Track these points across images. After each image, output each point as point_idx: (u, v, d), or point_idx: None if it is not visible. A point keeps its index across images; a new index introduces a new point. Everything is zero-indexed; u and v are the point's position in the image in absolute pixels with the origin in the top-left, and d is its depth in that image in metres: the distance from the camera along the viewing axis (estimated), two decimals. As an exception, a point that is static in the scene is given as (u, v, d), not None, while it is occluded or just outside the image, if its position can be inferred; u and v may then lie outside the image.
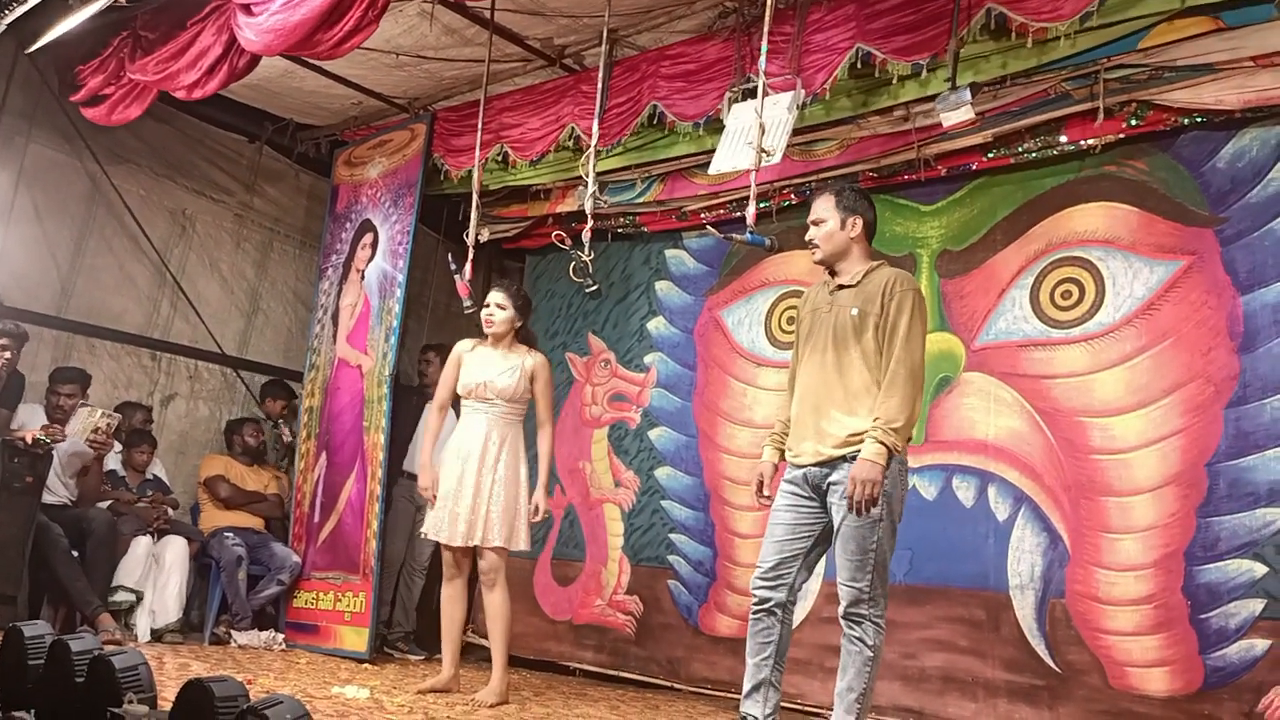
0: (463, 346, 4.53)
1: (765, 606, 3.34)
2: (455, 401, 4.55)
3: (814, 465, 3.32)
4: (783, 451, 3.50)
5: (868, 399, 3.25)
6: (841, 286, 3.42)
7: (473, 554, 4.36)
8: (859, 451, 3.19)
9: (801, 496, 3.37)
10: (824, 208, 3.44)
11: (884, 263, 3.47)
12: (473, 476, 4.28)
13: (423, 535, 4.54)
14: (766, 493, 3.50)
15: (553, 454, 4.54)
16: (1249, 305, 3.98)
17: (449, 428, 4.67)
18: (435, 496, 4.34)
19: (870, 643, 3.19)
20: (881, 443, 3.15)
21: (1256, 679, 3.72)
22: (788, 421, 3.50)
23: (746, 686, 3.35)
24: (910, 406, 3.20)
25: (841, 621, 3.25)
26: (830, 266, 3.47)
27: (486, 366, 4.41)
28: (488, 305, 4.46)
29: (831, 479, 3.27)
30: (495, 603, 4.31)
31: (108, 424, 4.86)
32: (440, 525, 4.31)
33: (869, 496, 3.12)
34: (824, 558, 3.42)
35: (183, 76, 4.69)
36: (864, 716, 3.20)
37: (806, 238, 3.48)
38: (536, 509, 4.35)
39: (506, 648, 4.31)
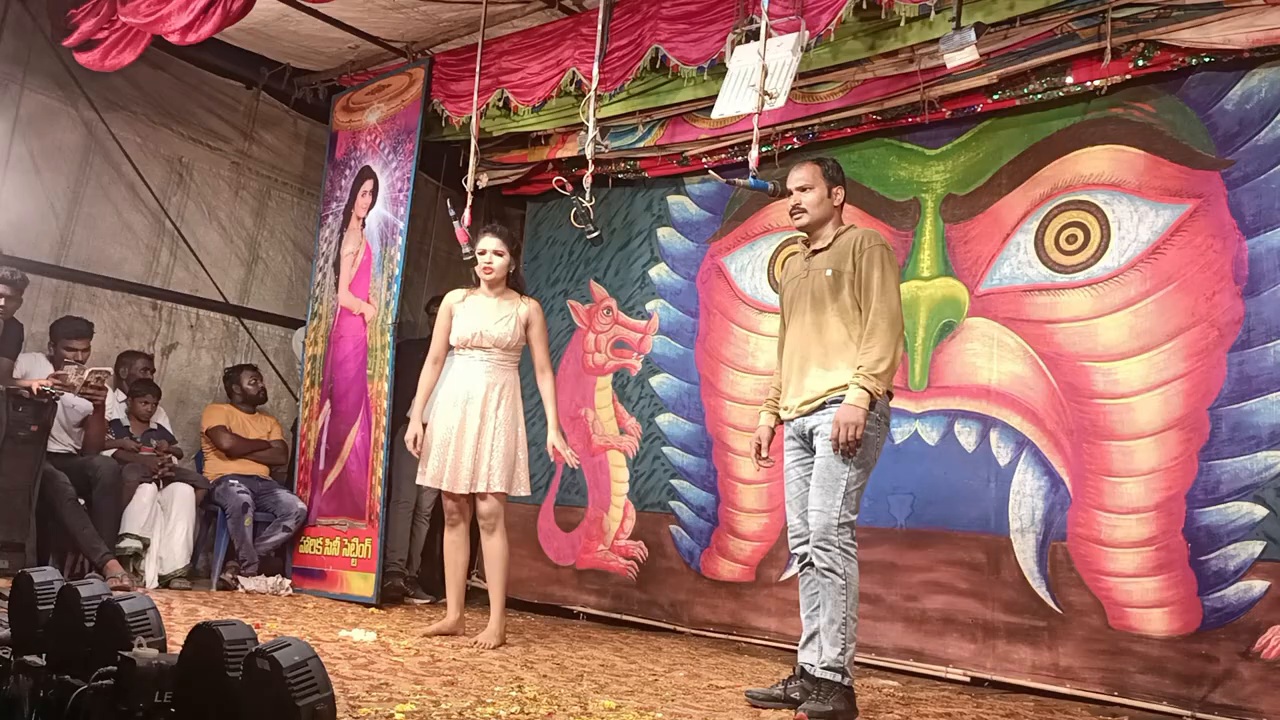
0: (453, 297, 4.52)
1: (806, 562, 3.49)
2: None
3: (799, 416, 3.51)
4: (778, 415, 3.68)
5: (845, 353, 3.40)
6: (816, 251, 3.57)
7: (473, 500, 4.39)
8: (837, 399, 3.36)
9: (800, 451, 3.55)
10: (809, 176, 3.56)
11: (853, 225, 3.60)
12: (475, 424, 4.31)
13: (419, 484, 4.54)
14: (765, 454, 3.68)
15: (556, 398, 4.54)
16: (1254, 249, 3.95)
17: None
18: (420, 450, 4.37)
19: (841, 570, 3.29)
20: (864, 388, 3.29)
21: (1254, 619, 3.76)
22: (780, 386, 3.67)
23: (802, 639, 3.49)
24: (891, 353, 3.33)
25: (813, 553, 3.35)
26: (811, 232, 3.59)
27: (481, 315, 4.41)
28: (484, 252, 4.43)
29: (812, 424, 3.45)
30: (494, 547, 4.35)
31: (97, 379, 4.86)
32: (441, 473, 4.34)
33: (852, 438, 3.26)
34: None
35: (175, 19, 4.61)
36: (849, 645, 3.30)
37: (794, 203, 3.56)
38: (554, 451, 4.36)
39: (505, 591, 4.37)
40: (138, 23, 4.80)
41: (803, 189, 3.54)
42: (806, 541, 3.45)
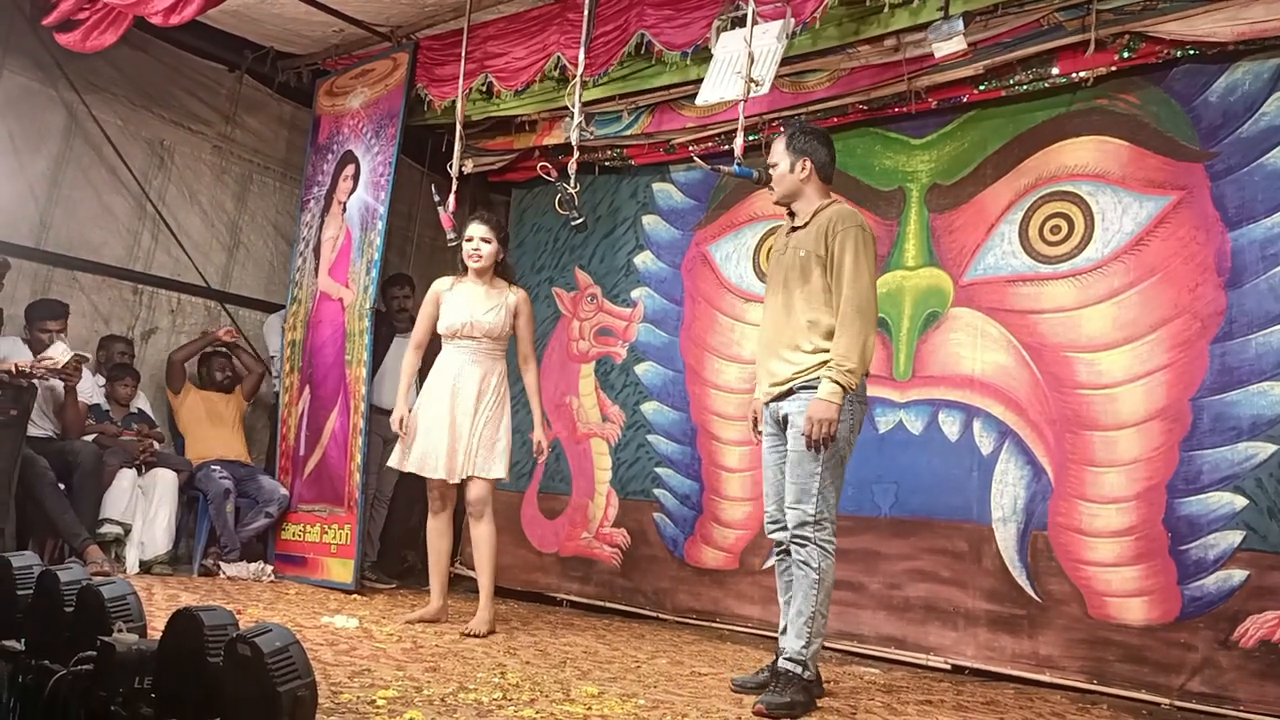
0: (441, 285, 4.50)
1: (781, 549, 3.49)
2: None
3: (771, 400, 3.49)
4: None
5: (812, 335, 3.37)
6: (795, 229, 3.52)
7: (456, 487, 4.39)
8: (805, 384, 3.34)
9: (775, 436, 3.52)
10: (777, 151, 3.52)
11: (835, 200, 3.52)
12: (466, 413, 4.31)
13: (391, 467, 4.54)
14: (760, 428, 3.64)
15: (540, 389, 4.58)
16: (1237, 241, 3.97)
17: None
18: (407, 433, 4.36)
19: (815, 565, 3.28)
20: (836, 382, 3.25)
21: (1233, 608, 3.79)
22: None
23: (781, 625, 3.47)
24: (860, 343, 3.28)
25: (790, 544, 3.36)
26: (787, 206, 3.54)
27: (471, 304, 4.39)
28: (470, 239, 4.41)
29: (784, 410, 3.43)
30: (483, 534, 4.36)
31: (77, 361, 4.80)
32: (429, 460, 4.33)
33: (825, 435, 3.24)
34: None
35: (157, 0, 4.57)
36: (814, 639, 3.29)
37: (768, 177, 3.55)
38: (540, 446, 4.44)
39: (493, 579, 4.37)
40: (120, 3, 4.75)
41: (771, 166, 3.51)
42: (784, 528, 3.44)
